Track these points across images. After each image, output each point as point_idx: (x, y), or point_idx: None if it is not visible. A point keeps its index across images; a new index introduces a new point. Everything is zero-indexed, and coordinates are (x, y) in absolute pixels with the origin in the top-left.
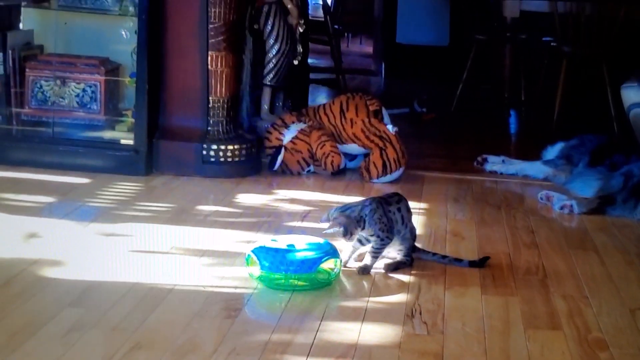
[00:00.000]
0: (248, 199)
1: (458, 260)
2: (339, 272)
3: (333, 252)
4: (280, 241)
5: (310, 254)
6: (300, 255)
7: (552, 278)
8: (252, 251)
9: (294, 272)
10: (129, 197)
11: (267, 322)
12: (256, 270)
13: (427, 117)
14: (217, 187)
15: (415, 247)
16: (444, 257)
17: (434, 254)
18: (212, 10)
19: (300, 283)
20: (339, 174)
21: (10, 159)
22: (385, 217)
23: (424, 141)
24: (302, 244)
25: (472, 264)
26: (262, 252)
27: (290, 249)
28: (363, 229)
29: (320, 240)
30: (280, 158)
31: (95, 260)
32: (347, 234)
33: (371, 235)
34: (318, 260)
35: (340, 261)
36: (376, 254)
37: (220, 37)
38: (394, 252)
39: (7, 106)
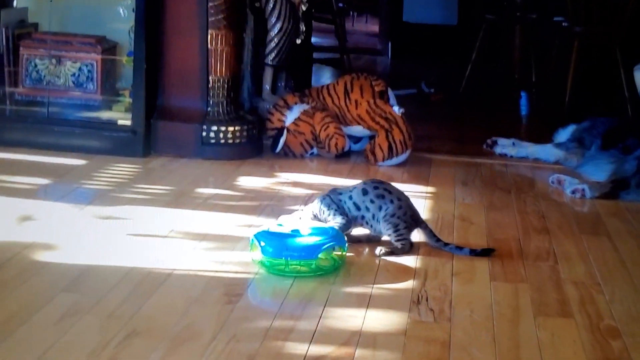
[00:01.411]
0: (249, 181)
1: (459, 248)
2: (344, 259)
3: (338, 238)
4: (286, 225)
5: (314, 240)
6: (302, 240)
7: (563, 264)
8: (255, 236)
9: (296, 258)
10: (127, 179)
11: (268, 308)
12: (258, 255)
13: (435, 98)
14: (217, 170)
15: (426, 230)
16: (446, 244)
17: (437, 240)
18: None
19: (302, 269)
20: (343, 157)
21: (5, 139)
22: (335, 203)
23: (432, 123)
24: (307, 229)
25: (473, 252)
26: (265, 237)
27: (294, 234)
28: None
29: (326, 225)
30: (282, 140)
31: (91, 244)
32: None
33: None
34: (320, 247)
35: (346, 247)
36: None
37: (220, 15)
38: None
39: (0, 86)
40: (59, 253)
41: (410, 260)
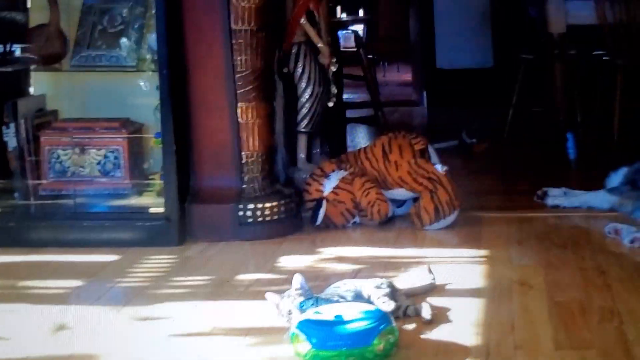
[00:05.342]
0: (291, 261)
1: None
2: (395, 342)
3: (387, 320)
4: (326, 312)
5: (363, 324)
6: (351, 326)
7: (629, 324)
8: (298, 327)
9: (347, 347)
10: (164, 272)
11: None
12: (304, 348)
13: (479, 149)
14: (257, 251)
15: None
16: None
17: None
18: (238, 58)
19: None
20: (387, 224)
21: (31, 239)
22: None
23: (478, 177)
24: (350, 313)
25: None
26: (308, 327)
27: (339, 320)
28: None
29: (371, 307)
30: (322, 211)
31: (132, 349)
32: None
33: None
34: (374, 331)
35: (396, 330)
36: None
37: (249, 87)
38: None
39: (23, 181)
40: None
41: (468, 336)
